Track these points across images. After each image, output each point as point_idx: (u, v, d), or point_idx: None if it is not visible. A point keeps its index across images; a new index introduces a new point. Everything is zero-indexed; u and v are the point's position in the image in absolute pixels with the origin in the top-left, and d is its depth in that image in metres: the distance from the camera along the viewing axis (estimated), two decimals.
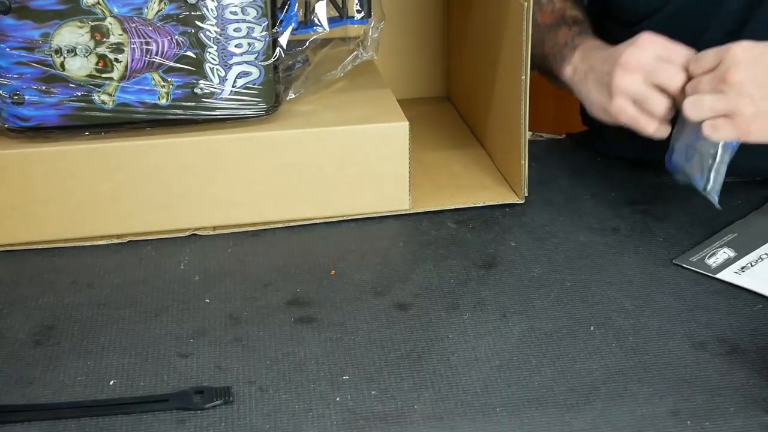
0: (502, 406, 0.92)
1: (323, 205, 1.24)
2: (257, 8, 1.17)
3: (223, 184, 1.21)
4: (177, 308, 1.08)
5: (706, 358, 0.98)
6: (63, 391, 0.95)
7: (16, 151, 1.17)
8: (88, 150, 1.18)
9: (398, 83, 1.49)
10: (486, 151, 1.40)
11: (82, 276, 1.14)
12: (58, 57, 1.15)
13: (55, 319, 1.06)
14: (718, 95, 1.08)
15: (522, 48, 1.20)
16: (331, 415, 0.92)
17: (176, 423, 0.91)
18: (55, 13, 1.13)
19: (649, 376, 0.96)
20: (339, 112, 1.25)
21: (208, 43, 1.17)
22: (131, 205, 1.20)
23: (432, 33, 1.57)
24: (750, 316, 1.04)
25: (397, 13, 1.50)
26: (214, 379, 0.97)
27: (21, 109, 1.16)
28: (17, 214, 1.18)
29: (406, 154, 1.23)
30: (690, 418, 0.90)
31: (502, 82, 1.30)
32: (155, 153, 1.19)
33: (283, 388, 0.95)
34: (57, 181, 1.17)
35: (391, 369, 0.97)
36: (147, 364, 0.99)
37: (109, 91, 1.17)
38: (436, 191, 1.30)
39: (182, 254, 1.19)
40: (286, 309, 1.08)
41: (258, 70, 1.19)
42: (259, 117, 1.22)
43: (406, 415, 0.91)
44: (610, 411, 0.92)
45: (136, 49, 1.16)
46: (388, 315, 1.06)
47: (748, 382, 0.95)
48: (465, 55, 1.49)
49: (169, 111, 1.19)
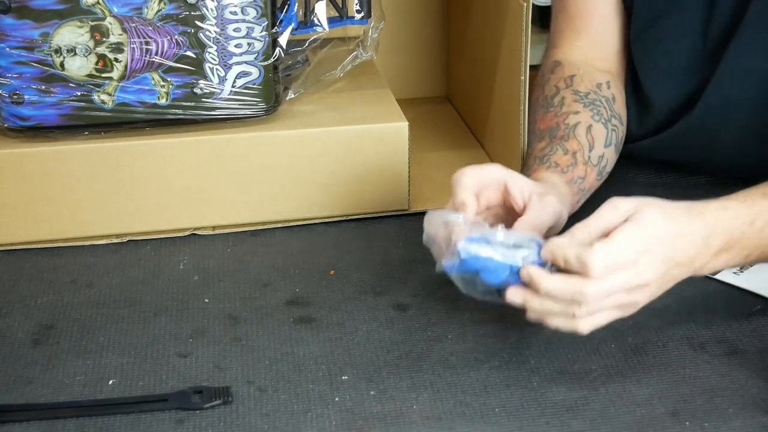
0: (500, 406, 0.92)
1: (323, 205, 1.24)
2: (257, 8, 1.17)
3: (223, 184, 1.21)
4: (176, 308, 1.08)
5: (705, 358, 0.98)
6: (62, 391, 0.95)
7: (16, 150, 1.17)
8: (87, 150, 1.18)
9: (398, 83, 1.49)
10: (486, 152, 1.40)
11: (82, 275, 1.14)
12: (57, 57, 1.15)
13: (55, 318, 1.06)
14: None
15: (522, 48, 1.20)
16: (330, 415, 0.92)
17: (175, 423, 0.91)
18: (55, 13, 1.13)
19: (648, 377, 0.96)
20: (339, 112, 1.25)
21: (208, 43, 1.17)
22: (131, 204, 1.20)
23: (432, 33, 1.57)
24: (749, 317, 1.04)
25: (396, 13, 1.50)
26: (213, 379, 0.97)
27: (21, 109, 1.16)
28: (17, 213, 1.18)
29: (405, 154, 1.23)
30: (689, 418, 0.90)
31: (502, 82, 1.30)
32: (155, 153, 1.19)
33: (282, 388, 0.95)
34: (56, 181, 1.17)
35: (390, 369, 0.97)
36: (146, 363, 0.99)
37: (108, 90, 1.17)
38: (436, 191, 1.30)
39: (181, 254, 1.19)
40: (285, 309, 1.08)
41: (258, 70, 1.19)
42: (258, 117, 1.22)
43: (405, 416, 0.91)
44: (609, 411, 0.91)
45: (136, 48, 1.16)
46: (387, 315, 1.06)
47: (747, 383, 0.95)
48: (465, 55, 1.49)
49: (168, 111, 1.19)
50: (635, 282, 0.91)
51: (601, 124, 1.17)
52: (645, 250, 0.90)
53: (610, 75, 1.23)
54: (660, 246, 0.91)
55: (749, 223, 0.95)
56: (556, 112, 1.18)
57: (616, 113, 1.20)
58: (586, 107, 1.18)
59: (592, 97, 1.19)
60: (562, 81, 1.21)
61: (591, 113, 1.17)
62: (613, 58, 1.25)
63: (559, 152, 1.13)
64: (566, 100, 1.19)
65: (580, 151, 1.14)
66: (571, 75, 1.21)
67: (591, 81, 1.21)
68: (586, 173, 1.13)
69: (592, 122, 1.17)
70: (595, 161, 1.15)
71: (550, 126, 1.17)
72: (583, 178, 1.13)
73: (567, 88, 1.20)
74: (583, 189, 1.14)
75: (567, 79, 1.21)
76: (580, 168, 1.13)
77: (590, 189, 1.16)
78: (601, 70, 1.23)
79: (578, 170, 1.13)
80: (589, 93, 1.19)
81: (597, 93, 1.20)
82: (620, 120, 1.21)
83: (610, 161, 1.18)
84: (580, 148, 1.14)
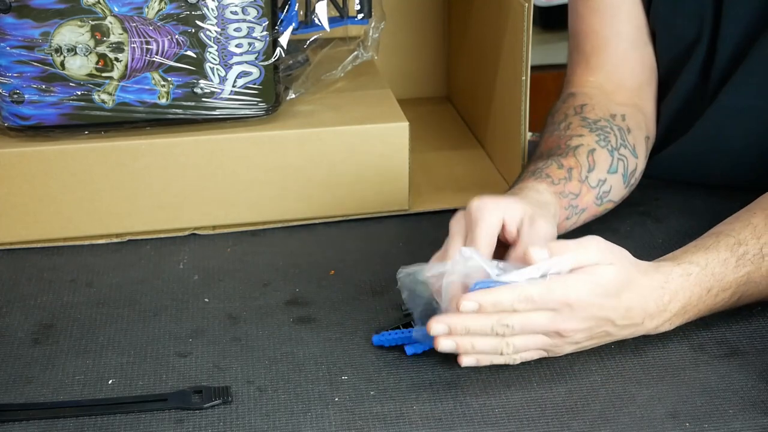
0: (500, 407, 0.92)
1: (323, 205, 1.24)
2: (258, 8, 1.17)
3: (223, 184, 1.21)
4: (176, 308, 1.08)
5: (705, 360, 0.98)
6: (62, 390, 0.95)
7: (16, 149, 1.17)
8: (87, 149, 1.18)
9: (398, 83, 1.49)
10: (486, 152, 1.40)
11: (82, 275, 1.14)
12: (58, 56, 1.15)
13: (54, 317, 1.06)
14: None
15: (522, 48, 1.20)
16: (329, 415, 0.92)
17: (175, 423, 0.91)
18: (56, 12, 1.13)
19: (648, 378, 0.96)
20: (339, 112, 1.25)
21: (209, 43, 1.17)
22: (131, 204, 1.20)
23: (432, 33, 1.57)
24: (749, 318, 1.04)
25: (397, 13, 1.50)
26: (213, 378, 0.97)
27: (21, 108, 1.16)
28: (17, 212, 1.18)
29: (406, 154, 1.23)
30: (689, 420, 0.90)
31: (502, 82, 1.30)
32: (155, 152, 1.19)
33: (282, 388, 0.95)
34: (56, 180, 1.17)
35: (390, 369, 0.97)
36: (146, 363, 0.99)
37: (109, 90, 1.17)
38: (436, 191, 1.30)
39: (181, 254, 1.19)
40: (285, 309, 1.08)
41: (258, 69, 1.19)
42: (259, 117, 1.22)
43: (404, 416, 0.91)
44: (609, 412, 0.91)
45: (137, 48, 1.16)
46: (387, 315, 1.06)
47: (746, 384, 0.95)
48: (465, 55, 1.49)
49: (169, 110, 1.19)
50: (553, 327, 0.93)
51: (606, 151, 1.15)
52: (588, 302, 0.93)
53: (630, 108, 1.20)
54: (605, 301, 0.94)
55: (707, 290, 0.98)
56: (560, 134, 1.16)
57: (628, 144, 1.17)
58: (592, 132, 1.16)
59: (601, 124, 1.16)
60: (572, 108, 1.19)
61: (596, 138, 1.15)
62: (634, 92, 1.23)
63: (554, 166, 1.11)
64: (572, 124, 1.17)
65: (577, 168, 1.12)
66: (582, 104, 1.19)
67: (604, 111, 1.18)
68: (581, 191, 1.11)
69: (596, 147, 1.14)
70: (594, 183, 1.13)
71: (550, 147, 1.15)
72: (577, 195, 1.11)
73: (576, 114, 1.18)
74: (576, 207, 1.11)
75: (577, 107, 1.19)
76: (573, 184, 1.11)
77: (587, 211, 1.13)
78: (621, 103, 1.20)
79: (571, 185, 1.11)
80: (599, 120, 1.17)
81: (609, 122, 1.17)
82: (632, 151, 1.17)
83: (614, 189, 1.15)
84: (578, 166, 1.12)
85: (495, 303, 0.91)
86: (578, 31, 1.23)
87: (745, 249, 0.99)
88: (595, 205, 1.14)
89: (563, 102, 1.21)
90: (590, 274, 0.93)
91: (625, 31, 1.22)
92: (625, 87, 1.22)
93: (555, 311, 0.92)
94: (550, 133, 1.18)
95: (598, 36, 1.22)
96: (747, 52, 1.17)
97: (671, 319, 0.98)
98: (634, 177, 1.18)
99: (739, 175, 1.24)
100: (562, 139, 1.15)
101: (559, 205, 1.09)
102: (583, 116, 1.17)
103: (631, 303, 0.95)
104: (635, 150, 1.17)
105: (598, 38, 1.22)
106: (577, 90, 1.22)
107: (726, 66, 1.20)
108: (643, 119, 1.22)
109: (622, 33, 1.22)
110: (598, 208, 1.14)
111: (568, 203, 1.10)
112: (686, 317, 0.99)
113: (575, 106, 1.19)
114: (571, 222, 1.12)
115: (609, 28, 1.21)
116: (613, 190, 1.15)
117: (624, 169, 1.16)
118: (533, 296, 0.91)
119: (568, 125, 1.17)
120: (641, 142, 1.20)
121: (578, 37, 1.24)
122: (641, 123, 1.21)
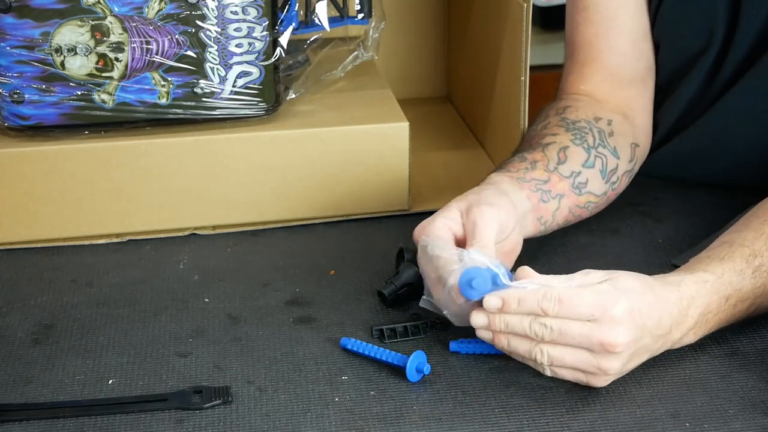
0: (500, 407, 0.92)
1: (323, 205, 1.24)
2: (258, 8, 1.17)
3: (223, 184, 1.21)
4: (176, 308, 1.08)
5: (706, 360, 0.98)
6: (62, 390, 0.95)
7: (16, 149, 1.17)
8: (87, 149, 1.18)
9: (398, 83, 1.49)
10: (486, 152, 1.40)
11: (82, 275, 1.14)
12: (58, 56, 1.15)
13: (54, 317, 1.06)
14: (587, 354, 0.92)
15: (522, 48, 1.20)
16: (329, 415, 0.92)
17: (175, 423, 0.91)
18: (56, 12, 1.13)
19: (648, 378, 0.96)
20: (339, 112, 1.25)
21: (209, 43, 1.17)
22: (131, 204, 1.20)
23: (432, 33, 1.57)
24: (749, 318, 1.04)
25: (397, 13, 1.50)
26: (213, 378, 0.97)
27: (21, 108, 1.16)
28: (17, 212, 1.18)
29: (406, 154, 1.23)
30: (689, 420, 0.90)
31: (502, 82, 1.30)
32: (155, 152, 1.19)
33: (282, 389, 0.95)
34: (57, 180, 1.17)
35: (390, 370, 0.97)
36: (146, 363, 0.99)
37: (109, 90, 1.17)
38: (436, 191, 1.30)
39: (181, 254, 1.19)
40: (285, 309, 1.08)
41: (258, 69, 1.19)
42: (259, 117, 1.22)
43: (404, 416, 0.91)
44: (609, 412, 0.91)
45: (137, 48, 1.16)
46: (387, 315, 1.06)
47: (747, 384, 0.95)
48: (465, 55, 1.49)
49: (169, 110, 1.19)
50: (598, 337, 0.90)
51: (581, 148, 1.13)
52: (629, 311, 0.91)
53: (619, 116, 1.19)
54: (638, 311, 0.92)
55: (725, 299, 0.97)
56: (536, 134, 1.15)
57: (608, 145, 1.15)
58: (568, 131, 1.14)
59: (580, 125, 1.15)
60: (554, 110, 1.19)
61: (572, 137, 1.14)
62: (625, 102, 1.22)
63: (516, 160, 1.10)
64: (550, 124, 1.16)
65: (543, 161, 1.10)
66: (566, 106, 1.19)
67: (588, 114, 1.17)
68: (550, 179, 1.09)
69: (570, 144, 1.13)
70: (567, 174, 1.11)
71: (522, 145, 1.16)
72: (545, 181, 1.09)
73: (557, 115, 1.17)
74: (549, 191, 1.09)
75: (560, 109, 1.18)
76: (538, 172, 1.09)
77: (567, 198, 1.11)
78: (610, 110, 1.19)
79: (535, 173, 1.09)
80: (579, 121, 1.16)
81: (590, 123, 1.16)
82: (612, 151, 1.15)
83: (592, 182, 1.13)
84: (544, 159, 1.11)
85: (520, 299, 0.91)
86: (573, 41, 1.23)
87: (761, 261, 0.98)
88: (573, 193, 1.11)
89: (550, 107, 1.21)
90: (616, 281, 0.92)
91: (620, 43, 1.22)
92: (617, 97, 1.22)
93: (595, 322, 0.90)
94: (528, 134, 1.18)
95: (592, 47, 1.22)
96: (756, 60, 1.18)
97: (694, 327, 0.96)
98: (615, 175, 1.16)
99: (740, 175, 1.24)
100: (535, 138, 1.15)
101: (519, 187, 1.07)
102: (563, 117, 1.17)
103: (658, 310, 0.93)
104: (616, 151, 1.16)
105: (592, 49, 1.22)
106: (567, 97, 1.22)
107: (733, 72, 1.20)
108: (631, 129, 1.20)
109: (616, 46, 1.22)
110: (578, 197, 1.12)
111: (535, 187, 1.08)
112: (708, 327, 0.97)
113: (558, 108, 1.19)
114: (552, 206, 1.09)
115: (604, 41, 1.21)
116: (591, 183, 1.13)
117: (602, 166, 1.14)
118: (561, 296, 0.90)
119: (546, 125, 1.16)
120: (625, 146, 1.18)
121: (573, 46, 1.24)
122: (628, 131, 1.20)
